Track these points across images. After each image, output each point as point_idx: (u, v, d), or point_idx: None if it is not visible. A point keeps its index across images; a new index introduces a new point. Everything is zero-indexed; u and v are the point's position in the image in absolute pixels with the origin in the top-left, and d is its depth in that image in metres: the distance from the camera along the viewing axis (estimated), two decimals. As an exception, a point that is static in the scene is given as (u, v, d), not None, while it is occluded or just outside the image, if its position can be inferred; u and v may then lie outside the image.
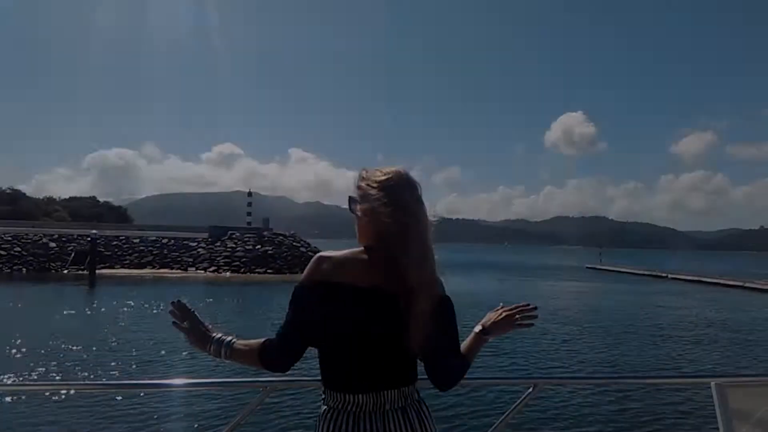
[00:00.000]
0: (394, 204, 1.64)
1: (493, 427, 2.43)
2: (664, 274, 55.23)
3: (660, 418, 9.74)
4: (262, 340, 1.72)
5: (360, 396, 1.62)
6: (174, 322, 1.80)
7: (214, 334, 1.76)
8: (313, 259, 1.66)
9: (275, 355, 1.69)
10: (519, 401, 2.49)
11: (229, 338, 1.76)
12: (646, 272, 59.37)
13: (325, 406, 1.68)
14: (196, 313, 1.80)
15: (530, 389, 2.49)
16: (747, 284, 42.38)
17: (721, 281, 46.20)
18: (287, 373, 1.77)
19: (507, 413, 2.48)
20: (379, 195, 1.65)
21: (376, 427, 1.60)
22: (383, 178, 1.68)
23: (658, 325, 22.39)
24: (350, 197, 1.76)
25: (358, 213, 1.72)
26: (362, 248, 1.69)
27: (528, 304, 1.93)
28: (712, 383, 2.38)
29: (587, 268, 72.50)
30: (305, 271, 1.66)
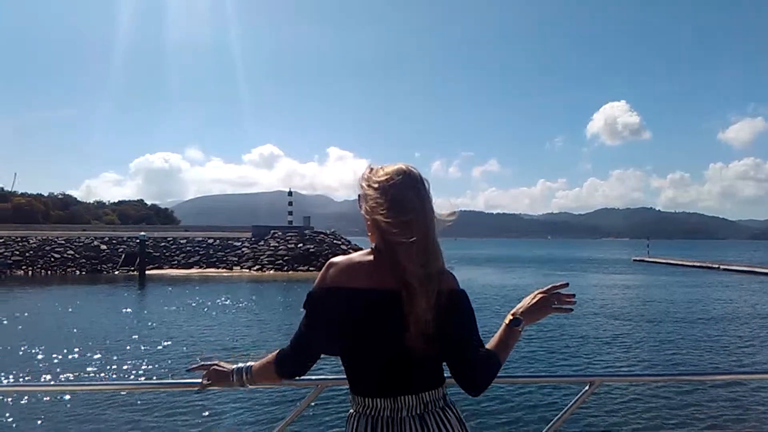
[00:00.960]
0: (392, 204, 1.59)
1: (549, 425, 2.37)
2: (715, 266, 53.19)
3: (729, 414, 9.36)
4: (276, 351, 1.75)
5: (377, 401, 1.60)
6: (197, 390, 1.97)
7: (232, 367, 1.85)
8: (325, 266, 1.67)
9: (290, 363, 1.74)
10: (575, 400, 2.43)
11: (247, 364, 1.81)
12: (696, 264, 57.32)
13: (352, 410, 1.69)
14: (212, 360, 1.93)
15: (587, 387, 2.42)
16: (807, 274, 40.46)
17: (778, 272, 44.27)
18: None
19: (563, 412, 2.42)
20: (376, 195, 1.61)
21: None
22: (382, 178, 1.64)
23: (713, 318, 21.60)
24: (359, 196, 1.71)
25: (362, 212, 1.69)
26: (369, 250, 1.67)
27: (566, 283, 1.81)
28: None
29: (635, 260, 70.51)
30: (317, 279, 1.66)
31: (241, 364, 1.81)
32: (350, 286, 1.59)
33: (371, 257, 1.64)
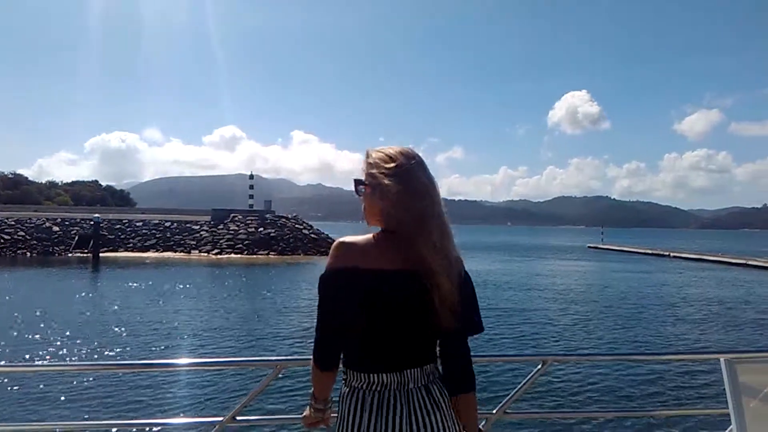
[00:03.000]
0: (409, 192, 1.64)
1: (503, 402, 2.46)
2: (666, 253, 55.27)
3: (669, 394, 9.84)
4: (313, 362, 1.69)
5: (385, 376, 1.64)
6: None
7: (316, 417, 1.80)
8: (333, 247, 1.64)
9: (318, 354, 1.66)
10: (528, 378, 2.52)
11: (312, 403, 1.78)
12: (648, 251, 59.41)
13: (347, 388, 1.69)
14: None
15: (539, 366, 2.52)
16: (750, 262, 42.45)
17: (724, 259, 46.33)
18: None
19: (517, 389, 2.51)
20: (393, 184, 1.64)
21: (401, 405, 1.62)
22: (392, 165, 1.66)
23: (663, 303, 22.49)
24: (356, 180, 1.73)
25: (369, 198, 1.71)
26: (380, 232, 1.68)
27: None
28: (722, 359, 2.39)
29: (589, 247, 72.59)
30: (328, 260, 1.64)
31: (312, 411, 1.78)
32: (368, 267, 1.60)
33: (383, 239, 1.65)
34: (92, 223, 44.50)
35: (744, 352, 2.52)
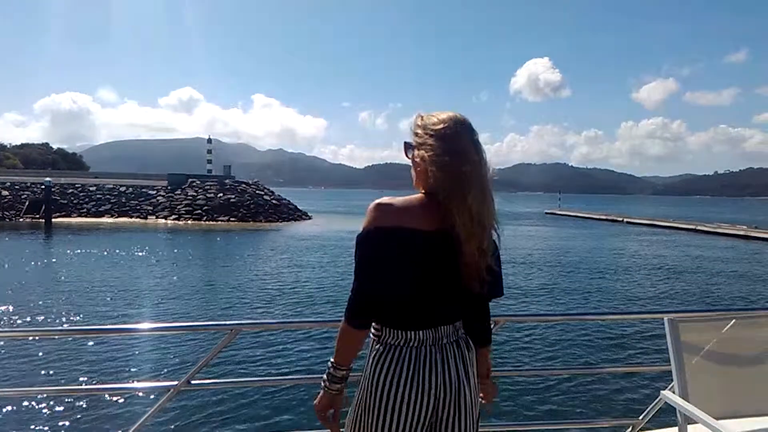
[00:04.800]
0: (451, 153, 1.67)
1: None
2: (620, 219, 56.96)
3: (616, 352, 10.27)
4: (343, 322, 1.68)
5: (421, 332, 1.70)
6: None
7: (335, 387, 1.75)
8: (372, 207, 1.66)
9: (356, 310, 1.66)
10: None
11: (332, 371, 1.74)
12: (603, 216, 61.06)
13: (380, 345, 1.72)
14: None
15: (492, 326, 2.55)
16: (699, 228, 44.13)
17: (674, 225, 48.14)
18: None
19: None
20: (437, 144, 1.68)
21: (435, 359, 1.70)
22: (440, 126, 1.70)
23: (615, 266, 23.26)
24: (406, 143, 1.80)
25: (417, 159, 1.75)
26: (422, 194, 1.72)
27: None
28: (665, 318, 2.47)
29: (547, 213, 74.23)
30: (367, 219, 1.65)
31: (331, 375, 1.73)
32: (407, 226, 1.63)
33: (423, 200, 1.70)
34: (43, 187, 43.06)
35: (687, 312, 2.61)
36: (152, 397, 6.78)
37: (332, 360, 1.73)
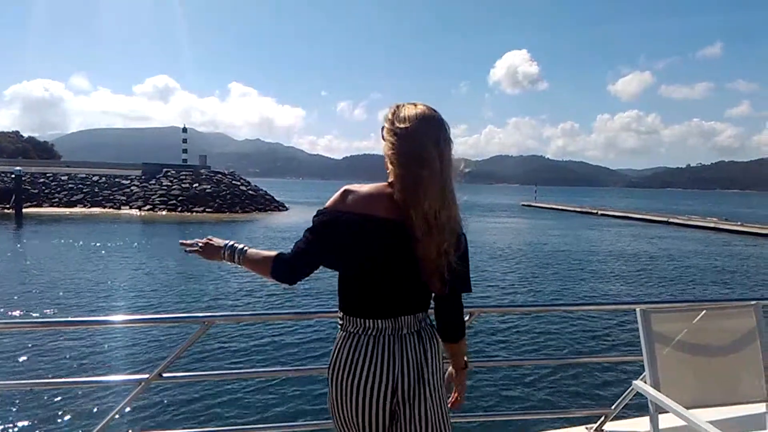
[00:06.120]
0: (410, 155, 1.64)
1: None
2: (594, 211, 57.83)
3: (588, 343, 10.42)
4: (275, 252, 1.76)
5: (380, 321, 1.71)
6: (186, 250, 1.92)
7: (226, 242, 1.86)
8: (338, 191, 1.71)
9: (286, 268, 1.72)
10: None
11: (242, 246, 1.83)
12: (577, 209, 61.93)
13: (344, 332, 1.76)
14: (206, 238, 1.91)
15: (467, 317, 2.54)
16: (671, 220, 45.02)
17: (647, 217, 49.01)
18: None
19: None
20: (398, 144, 1.67)
21: (394, 349, 1.71)
22: (403, 126, 1.67)
23: (589, 258, 23.59)
24: (382, 128, 1.76)
25: (384, 150, 1.74)
26: (387, 184, 1.72)
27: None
28: (637, 309, 2.49)
29: (523, 205, 75.10)
30: (330, 201, 1.71)
31: (235, 243, 1.84)
32: (369, 213, 1.65)
33: (386, 189, 1.70)
34: (13, 176, 41.94)
35: (658, 303, 2.64)
36: (123, 390, 6.67)
37: (241, 256, 1.80)
